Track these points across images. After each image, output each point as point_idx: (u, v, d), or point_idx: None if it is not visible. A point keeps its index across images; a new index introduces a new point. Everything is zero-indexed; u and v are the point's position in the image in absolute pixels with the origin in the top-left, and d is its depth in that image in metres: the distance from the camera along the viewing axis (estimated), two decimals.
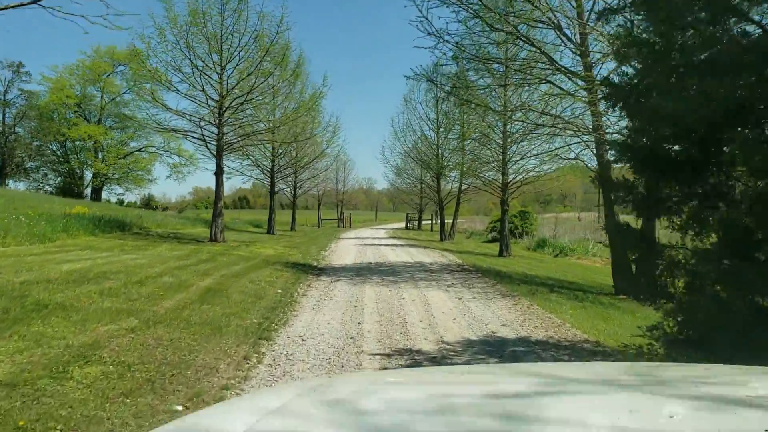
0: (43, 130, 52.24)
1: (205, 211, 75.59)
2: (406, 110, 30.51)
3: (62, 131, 50.42)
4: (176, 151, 50.86)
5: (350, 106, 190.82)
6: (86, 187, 56.76)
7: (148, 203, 56.33)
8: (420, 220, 50.62)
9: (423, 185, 36.92)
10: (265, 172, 26.14)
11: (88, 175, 54.06)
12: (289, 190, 34.63)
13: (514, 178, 21.31)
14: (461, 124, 23.59)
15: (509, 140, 20.71)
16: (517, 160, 20.49)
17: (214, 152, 16.28)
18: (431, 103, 30.31)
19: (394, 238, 31.38)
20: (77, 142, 53.19)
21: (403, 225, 58.69)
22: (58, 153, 55.17)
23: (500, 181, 21.73)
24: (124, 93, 50.87)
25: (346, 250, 19.29)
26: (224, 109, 15.51)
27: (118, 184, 57.84)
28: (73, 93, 51.79)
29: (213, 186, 16.49)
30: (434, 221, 51.23)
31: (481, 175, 22.05)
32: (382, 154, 35.21)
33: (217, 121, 15.76)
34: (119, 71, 51.60)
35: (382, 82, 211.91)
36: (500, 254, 21.13)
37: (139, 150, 55.54)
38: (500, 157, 21.23)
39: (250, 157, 25.38)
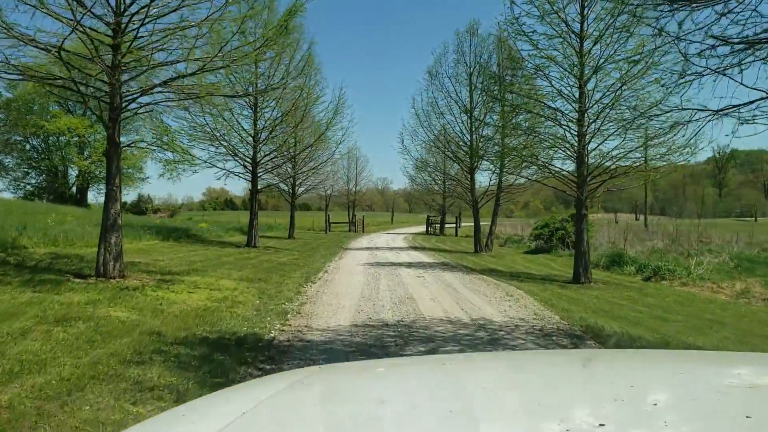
0: (21, 123, 45.70)
1: (198, 213, 69.29)
2: (430, 87, 23.44)
3: (40, 124, 43.74)
4: (169, 146, 44.19)
5: (365, 102, 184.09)
6: (71, 187, 50.66)
7: (138, 205, 49.85)
8: (443, 223, 43.43)
9: (447, 182, 29.89)
10: (245, 162, 19.18)
11: (74, 173, 48.00)
12: (285, 187, 27.72)
13: (598, 165, 14.17)
14: (502, 102, 16.40)
15: (595, 111, 13.56)
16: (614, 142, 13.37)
17: None
18: (463, 78, 23.22)
19: (417, 249, 24.28)
20: (61, 138, 46.86)
21: (422, 229, 51.53)
22: (39, 149, 48.80)
23: (574, 172, 14.62)
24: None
25: (348, 279, 12.22)
26: None
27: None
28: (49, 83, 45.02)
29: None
30: (458, 225, 43.97)
31: (546, 163, 14.82)
32: (400, 142, 29.32)
33: None
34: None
35: (398, 77, 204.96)
36: (576, 279, 14.03)
37: (128, 145, 48.74)
38: (573, 137, 14.11)
39: (222, 141, 18.43)
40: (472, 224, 25.05)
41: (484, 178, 31.35)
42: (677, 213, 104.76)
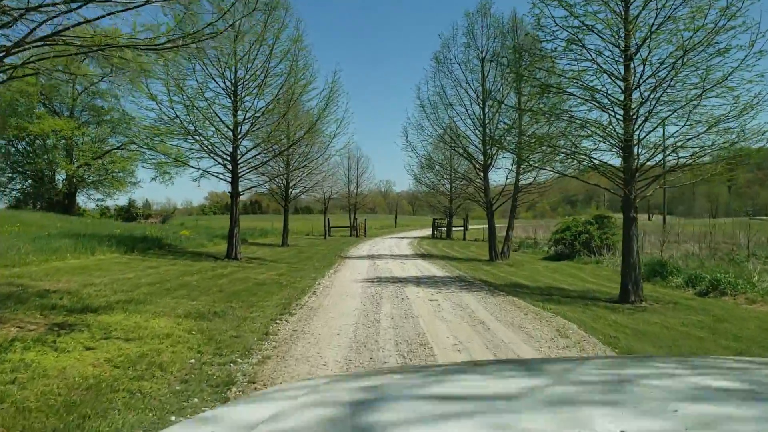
0: (4, 126, 42.90)
1: (194, 218, 66.47)
2: (437, 74, 20.57)
3: (24, 126, 40.92)
4: (159, 147, 41.51)
5: (366, 102, 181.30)
6: (58, 193, 48.00)
7: (129, 211, 47.10)
8: (449, 226, 40.51)
9: (457, 182, 26.97)
10: (224, 159, 16.32)
11: (63, 177, 45.43)
12: (277, 189, 24.88)
13: (652, 155, 11.25)
14: (526, 81, 13.50)
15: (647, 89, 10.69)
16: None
17: None
18: (474, 64, 20.36)
19: (424, 258, 21.38)
20: (48, 141, 44.37)
21: (427, 232, 48.63)
22: (24, 152, 46.19)
23: (619, 166, 11.72)
24: (99, 81, 41.61)
25: (341, 306, 9.32)
26: None
27: (95, 189, 49.05)
28: (33, 79, 42.49)
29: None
30: (466, 228, 41.05)
31: (586, 154, 11.85)
32: (404, 137, 24.45)
33: None
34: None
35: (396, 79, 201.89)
36: (624, 298, 11.20)
37: (118, 148, 46.34)
38: (618, 123, 11.23)
39: (198, 137, 15.63)
40: (481, 227, 22.17)
41: (498, 177, 28.45)
42: (685, 212, 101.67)
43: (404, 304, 9.39)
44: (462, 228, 41.03)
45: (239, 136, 16.00)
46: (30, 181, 47.62)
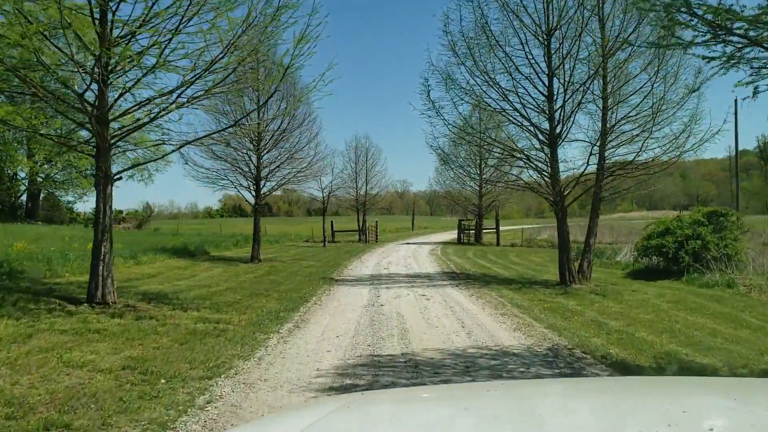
0: None
1: (190, 222, 58.93)
2: None
3: None
4: (136, 140, 34.24)
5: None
6: (21, 195, 41.09)
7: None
8: (480, 229, 32.55)
9: (488, 166, 19.02)
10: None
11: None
12: (246, 183, 17.34)
13: None
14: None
15: None
16: None
17: None
18: None
19: (458, 281, 13.30)
20: (7, 133, 37.06)
21: (448, 236, 40.75)
22: None
23: None
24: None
25: None
26: None
27: (64, 189, 42.01)
28: None
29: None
30: (498, 230, 33.06)
31: None
32: (425, 92, 12.10)
33: None
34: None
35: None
36: None
37: (86, 142, 38.39)
38: None
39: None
40: (516, 228, 14.04)
41: (571, 153, 20.26)
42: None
43: None
44: (493, 230, 33.11)
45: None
46: None
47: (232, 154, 16.40)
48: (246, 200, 18.45)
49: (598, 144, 12.91)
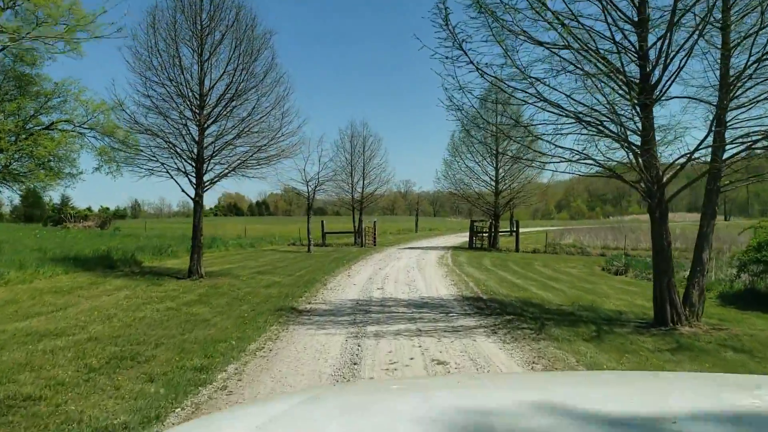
0: None
1: (175, 221, 53.79)
2: None
3: None
4: (103, 127, 29.29)
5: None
6: None
7: (59, 213, 34.90)
8: (495, 231, 27.38)
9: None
10: None
11: None
12: (182, 165, 12.34)
13: None
14: None
15: None
16: None
17: None
18: None
19: (493, 317, 7.54)
20: None
21: (456, 239, 35.67)
22: None
23: None
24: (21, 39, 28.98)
25: None
26: None
27: (23, 181, 36.98)
28: None
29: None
30: (517, 233, 27.93)
31: None
32: (443, 23, 6.68)
33: None
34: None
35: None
36: None
37: (47, 127, 33.43)
38: None
39: None
40: (533, 230, 9.44)
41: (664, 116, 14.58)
42: (727, 211, 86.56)
43: None
44: (512, 233, 27.92)
45: None
46: None
47: (164, 125, 11.36)
48: (184, 190, 13.31)
49: (723, 102, 7.77)
